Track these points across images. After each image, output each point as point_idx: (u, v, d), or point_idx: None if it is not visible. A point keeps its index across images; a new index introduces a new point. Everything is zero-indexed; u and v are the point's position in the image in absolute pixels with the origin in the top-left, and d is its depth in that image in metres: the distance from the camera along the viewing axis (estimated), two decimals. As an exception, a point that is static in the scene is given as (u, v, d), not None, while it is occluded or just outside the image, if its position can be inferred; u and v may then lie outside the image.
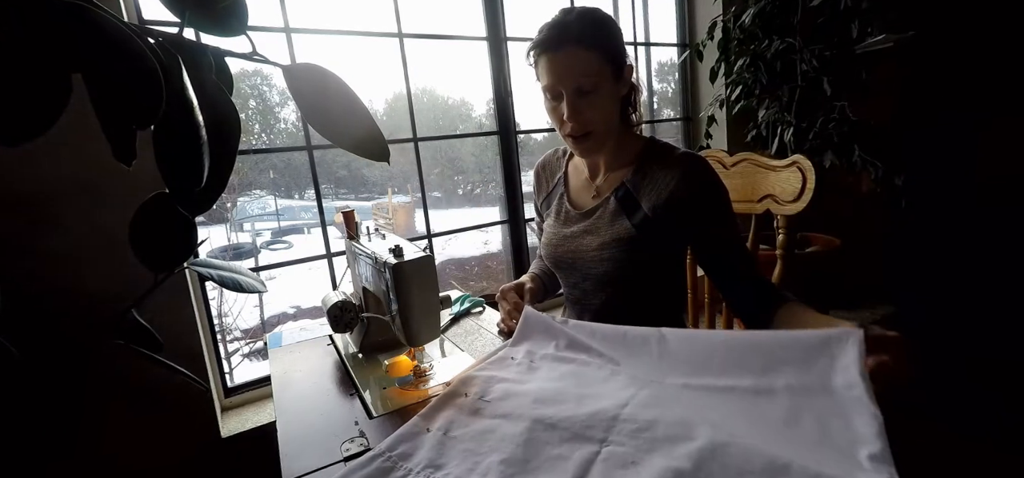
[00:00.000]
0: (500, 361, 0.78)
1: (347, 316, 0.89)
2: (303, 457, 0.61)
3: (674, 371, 0.67)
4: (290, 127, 3.04)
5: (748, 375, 0.61)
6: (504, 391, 0.68)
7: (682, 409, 0.59)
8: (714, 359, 0.65)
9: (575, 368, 0.72)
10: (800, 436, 0.53)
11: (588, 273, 0.95)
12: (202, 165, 0.46)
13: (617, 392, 0.64)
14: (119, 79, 0.39)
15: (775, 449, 0.49)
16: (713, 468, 0.48)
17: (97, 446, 1.17)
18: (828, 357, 0.57)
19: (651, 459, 0.51)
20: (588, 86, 0.84)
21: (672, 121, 2.44)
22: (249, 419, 1.38)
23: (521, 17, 1.81)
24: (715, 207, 0.87)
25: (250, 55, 0.52)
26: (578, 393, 0.65)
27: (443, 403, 0.67)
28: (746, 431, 0.53)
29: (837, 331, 0.57)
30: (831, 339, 0.57)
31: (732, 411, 0.58)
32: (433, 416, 0.65)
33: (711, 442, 0.51)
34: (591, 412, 0.59)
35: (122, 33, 0.39)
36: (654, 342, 0.71)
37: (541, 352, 0.78)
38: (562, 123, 0.89)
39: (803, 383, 0.57)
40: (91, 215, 1.10)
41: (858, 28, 1.71)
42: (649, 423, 0.56)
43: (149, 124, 0.41)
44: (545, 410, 0.61)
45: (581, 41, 0.83)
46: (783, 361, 0.60)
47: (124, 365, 1.14)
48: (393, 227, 4.02)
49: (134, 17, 1.19)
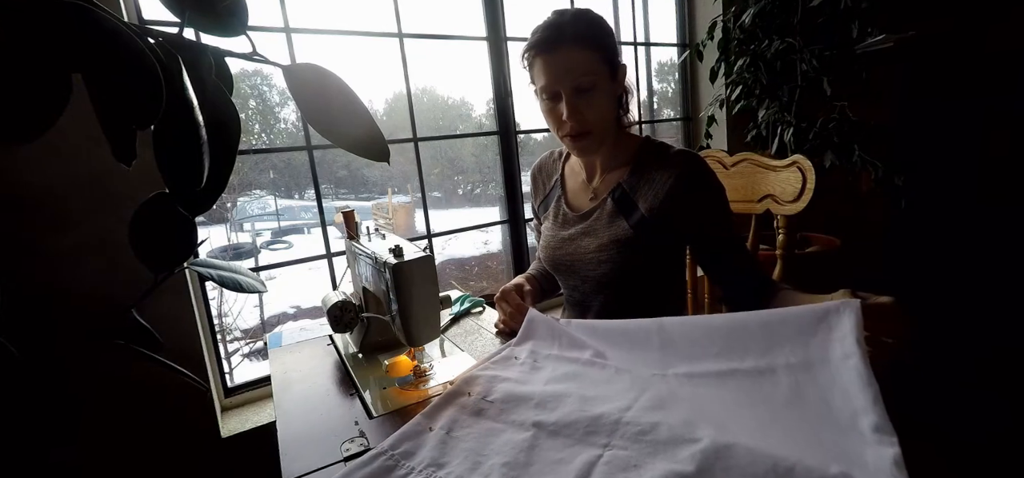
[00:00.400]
0: (503, 361, 0.78)
1: (347, 316, 0.89)
2: (303, 457, 0.61)
3: (677, 360, 0.67)
4: (290, 127, 3.04)
5: (749, 356, 0.62)
6: (507, 392, 0.68)
7: (686, 408, 0.59)
8: (715, 342, 0.66)
9: (578, 369, 0.72)
10: (803, 417, 0.54)
11: (587, 275, 0.95)
12: (202, 165, 0.46)
13: (621, 395, 0.64)
14: (119, 79, 0.39)
15: (780, 449, 0.49)
16: (716, 471, 0.48)
17: (97, 446, 1.17)
18: (826, 329, 0.58)
19: (653, 463, 0.51)
20: (586, 84, 0.84)
21: (672, 121, 2.44)
22: (249, 419, 1.38)
23: (521, 17, 1.81)
24: (712, 206, 0.87)
25: (250, 55, 0.52)
26: (581, 395, 0.65)
27: (446, 402, 0.67)
28: (751, 429, 0.54)
29: (834, 303, 0.58)
30: (829, 311, 0.58)
31: (736, 400, 0.59)
32: (436, 415, 0.65)
33: (714, 444, 0.51)
34: (594, 416, 0.59)
35: (122, 33, 0.39)
36: (655, 333, 0.71)
37: (545, 352, 0.78)
38: (560, 124, 0.89)
39: (803, 359, 0.58)
40: (91, 215, 1.10)
41: (858, 28, 1.71)
42: (652, 426, 0.56)
43: (149, 124, 0.41)
44: (548, 414, 0.61)
45: (577, 41, 0.83)
46: (783, 338, 0.61)
47: (124, 365, 1.14)
48: (393, 227, 4.02)
49: (134, 17, 1.19)
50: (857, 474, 0.46)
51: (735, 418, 0.56)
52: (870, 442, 0.48)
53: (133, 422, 1.19)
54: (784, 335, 0.61)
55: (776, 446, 0.50)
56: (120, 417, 1.18)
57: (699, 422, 0.55)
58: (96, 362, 1.12)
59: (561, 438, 0.57)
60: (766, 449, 0.50)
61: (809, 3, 1.75)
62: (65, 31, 0.37)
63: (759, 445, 0.50)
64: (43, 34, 0.36)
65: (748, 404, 0.58)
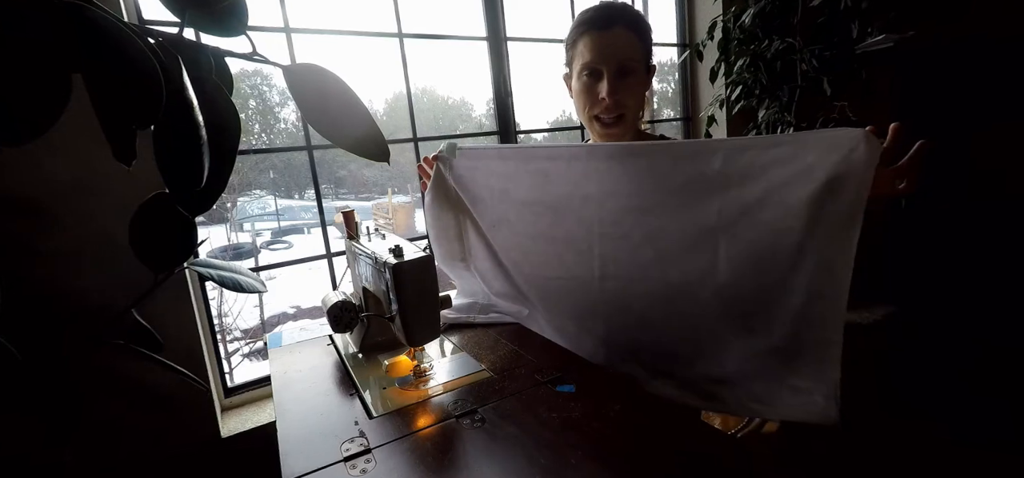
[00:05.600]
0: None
1: (347, 316, 0.89)
2: (303, 457, 0.61)
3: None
4: (290, 127, 3.04)
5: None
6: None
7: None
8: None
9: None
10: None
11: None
12: (202, 165, 0.46)
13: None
14: (119, 79, 0.39)
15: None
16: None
17: (97, 446, 1.16)
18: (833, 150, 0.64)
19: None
20: (629, 68, 0.90)
21: (672, 121, 2.44)
22: (249, 419, 1.38)
23: (521, 17, 1.81)
24: None
25: (250, 55, 0.52)
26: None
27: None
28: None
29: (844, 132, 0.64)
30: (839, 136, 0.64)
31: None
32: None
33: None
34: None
35: (122, 33, 0.39)
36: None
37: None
38: (595, 102, 0.92)
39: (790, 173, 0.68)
40: (91, 215, 1.10)
41: (858, 28, 1.71)
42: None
43: (149, 124, 0.41)
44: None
45: (628, 25, 0.89)
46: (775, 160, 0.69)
47: (124, 365, 1.14)
48: (393, 227, 4.01)
49: (134, 17, 1.19)
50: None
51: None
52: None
53: (133, 422, 1.19)
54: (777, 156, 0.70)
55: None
56: (120, 417, 1.18)
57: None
58: (96, 362, 1.12)
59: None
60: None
61: (809, 3, 1.75)
62: (65, 31, 0.37)
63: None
64: (43, 34, 0.36)
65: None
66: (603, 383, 0.74)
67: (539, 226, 0.93)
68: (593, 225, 0.86)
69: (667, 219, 0.79)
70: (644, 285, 0.83)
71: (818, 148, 0.65)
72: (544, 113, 2.09)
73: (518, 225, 0.96)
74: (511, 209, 0.95)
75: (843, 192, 0.63)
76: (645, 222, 0.81)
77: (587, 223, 0.86)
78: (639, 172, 0.80)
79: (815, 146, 0.65)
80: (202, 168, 0.46)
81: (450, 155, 0.99)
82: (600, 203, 0.84)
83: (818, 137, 0.66)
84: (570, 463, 0.56)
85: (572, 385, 0.73)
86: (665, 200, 0.78)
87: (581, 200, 0.86)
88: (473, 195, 1.00)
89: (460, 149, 0.99)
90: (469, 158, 0.98)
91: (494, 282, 1.06)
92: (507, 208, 0.96)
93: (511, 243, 0.99)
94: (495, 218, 0.99)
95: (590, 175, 0.84)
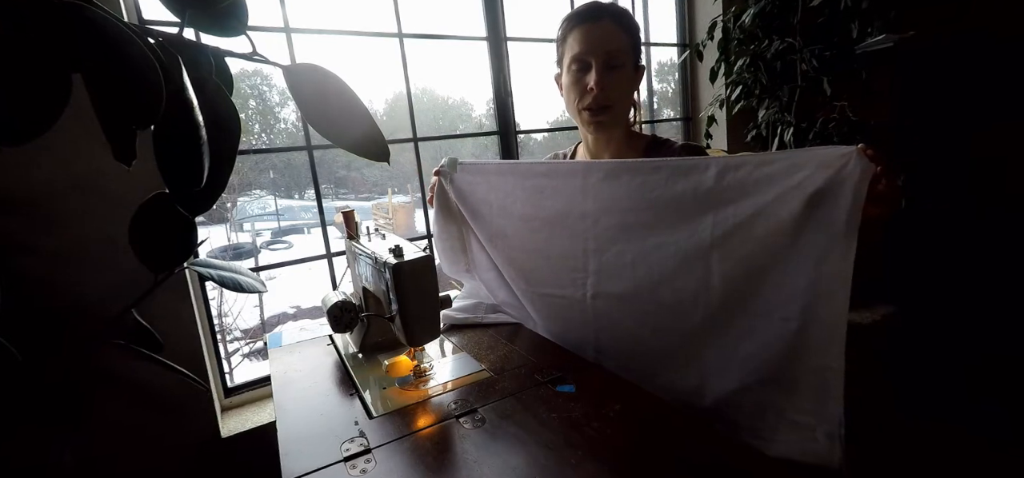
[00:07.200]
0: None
1: (347, 316, 0.89)
2: (303, 457, 0.61)
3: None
4: (290, 127, 3.04)
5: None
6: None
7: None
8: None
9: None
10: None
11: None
12: (202, 165, 0.46)
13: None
14: (119, 79, 0.39)
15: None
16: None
17: (97, 446, 1.16)
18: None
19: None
20: (616, 61, 0.91)
21: (672, 121, 2.43)
22: (249, 419, 1.38)
23: (521, 17, 1.81)
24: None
25: (250, 55, 0.52)
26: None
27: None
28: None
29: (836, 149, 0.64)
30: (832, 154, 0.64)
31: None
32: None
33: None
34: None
35: (122, 33, 0.39)
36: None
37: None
38: (584, 93, 0.93)
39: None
40: (91, 215, 1.10)
41: (858, 28, 1.71)
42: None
43: (149, 124, 0.41)
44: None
45: (615, 19, 0.92)
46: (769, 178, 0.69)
47: (124, 365, 1.14)
48: (393, 227, 4.01)
49: (134, 17, 1.19)
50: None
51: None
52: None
53: (133, 422, 1.19)
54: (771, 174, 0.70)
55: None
56: (120, 417, 1.18)
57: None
58: (96, 362, 1.12)
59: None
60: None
61: (809, 3, 1.75)
62: (65, 31, 0.37)
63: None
64: (43, 34, 0.36)
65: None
66: (603, 383, 0.74)
67: (535, 241, 0.94)
68: (588, 241, 0.87)
69: (661, 236, 0.79)
70: (636, 303, 0.83)
71: (810, 165, 0.65)
72: (544, 113, 2.08)
73: (515, 239, 0.97)
74: (509, 223, 0.97)
75: (836, 209, 0.63)
76: (639, 238, 0.81)
77: (582, 239, 0.87)
78: (634, 189, 0.81)
79: (807, 163, 0.65)
80: (202, 168, 0.46)
81: (451, 170, 1.01)
82: (595, 219, 0.85)
83: (810, 154, 0.66)
84: (570, 463, 0.56)
85: (572, 385, 0.73)
86: (659, 217, 0.78)
87: (577, 217, 0.87)
88: (472, 209, 1.01)
89: (461, 164, 1.01)
90: (469, 173, 1.00)
91: (498, 292, 1.08)
92: (505, 223, 0.97)
93: (508, 257, 1.00)
94: (493, 232, 1.00)
95: (587, 191, 0.86)
